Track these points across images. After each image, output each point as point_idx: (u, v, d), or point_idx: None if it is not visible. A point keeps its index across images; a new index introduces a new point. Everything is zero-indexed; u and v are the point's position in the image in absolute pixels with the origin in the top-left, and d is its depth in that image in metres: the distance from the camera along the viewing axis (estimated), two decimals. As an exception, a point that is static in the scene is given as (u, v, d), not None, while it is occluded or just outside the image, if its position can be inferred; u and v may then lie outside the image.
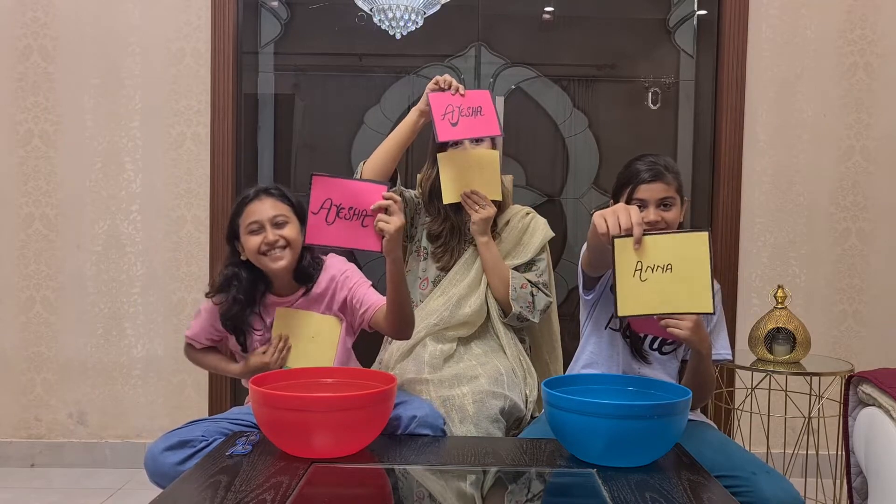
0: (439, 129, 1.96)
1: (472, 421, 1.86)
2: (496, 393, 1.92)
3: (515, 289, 2.11)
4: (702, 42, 3.02)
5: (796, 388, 2.51)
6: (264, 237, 1.82)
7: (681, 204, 1.80)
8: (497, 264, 2.11)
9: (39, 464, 2.90)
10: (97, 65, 2.85)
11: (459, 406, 1.88)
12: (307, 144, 3.12)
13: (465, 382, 1.94)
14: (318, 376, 1.73)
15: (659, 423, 1.45)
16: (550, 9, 3.07)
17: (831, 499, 2.44)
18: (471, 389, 1.91)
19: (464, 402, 1.89)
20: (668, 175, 1.76)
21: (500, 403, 1.90)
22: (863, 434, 1.95)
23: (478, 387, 1.92)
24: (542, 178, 3.09)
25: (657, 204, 1.75)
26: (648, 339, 1.89)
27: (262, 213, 1.83)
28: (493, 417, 1.88)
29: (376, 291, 1.91)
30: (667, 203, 1.76)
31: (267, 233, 1.82)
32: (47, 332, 2.91)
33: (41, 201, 2.88)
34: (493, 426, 1.87)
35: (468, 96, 2.00)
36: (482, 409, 1.87)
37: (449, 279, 2.14)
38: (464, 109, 1.99)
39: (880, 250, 2.88)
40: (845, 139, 2.87)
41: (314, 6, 3.04)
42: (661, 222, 1.75)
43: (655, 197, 1.75)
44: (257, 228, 1.83)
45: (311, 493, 1.37)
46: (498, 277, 2.11)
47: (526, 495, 1.49)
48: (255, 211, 1.84)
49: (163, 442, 1.70)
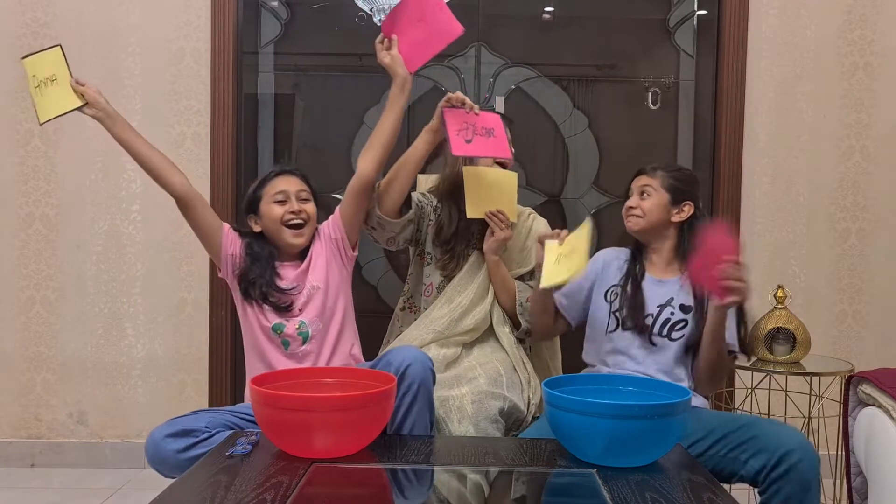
0: (454, 144, 1.98)
1: (472, 421, 1.86)
2: (495, 393, 1.92)
3: (521, 303, 2.15)
4: (702, 42, 3.02)
5: (796, 388, 2.51)
6: (289, 206, 1.92)
7: (672, 203, 1.97)
8: (505, 281, 2.15)
9: (39, 464, 2.90)
10: (97, 65, 2.85)
11: (458, 406, 1.88)
12: (307, 144, 3.12)
13: (464, 383, 1.94)
14: (319, 376, 1.73)
15: (659, 423, 1.45)
16: (550, 9, 3.07)
17: (831, 499, 2.44)
18: (470, 390, 1.91)
19: (463, 403, 1.89)
20: (659, 172, 1.99)
21: (499, 404, 1.90)
22: (863, 434, 1.95)
23: (477, 387, 1.92)
24: (542, 178, 3.09)
25: (638, 191, 2.00)
26: (659, 325, 1.93)
27: (289, 185, 1.94)
28: (492, 418, 1.88)
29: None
30: (643, 191, 1.99)
31: (292, 202, 1.92)
32: (47, 332, 2.91)
33: (41, 201, 2.88)
34: (492, 426, 1.87)
35: (482, 116, 2.04)
36: (481, 410, 1.87)
37: (454, 286, 2.14)
38: (478, 128, 2.03)
39: (880, 250, 2.89)
40: (845, 139, 2.87)
41: (314, 6, 3.04)
42: (637, 208, 1.99)
43: (638, 185, 2.01)
44: (283, 199, 1.92)
45: (311, 493, 1.37)
46: (506, 293, 2.15)
47: (526, 495, 1.49)
48: (281, 183, 1.94)
49: (166, 428, 1.69)
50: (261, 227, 1.97)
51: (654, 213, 1.96)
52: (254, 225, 1.97)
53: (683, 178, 2.00)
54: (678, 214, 1.97)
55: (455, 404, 1.89)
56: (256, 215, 1.97)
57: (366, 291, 3.05)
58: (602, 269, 2.04)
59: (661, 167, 2.00)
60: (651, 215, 1.96)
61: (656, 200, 1.96)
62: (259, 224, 1.97)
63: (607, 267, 2.04)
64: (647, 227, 1.97)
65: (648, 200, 1.96)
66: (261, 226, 1.97)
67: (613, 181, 3.06)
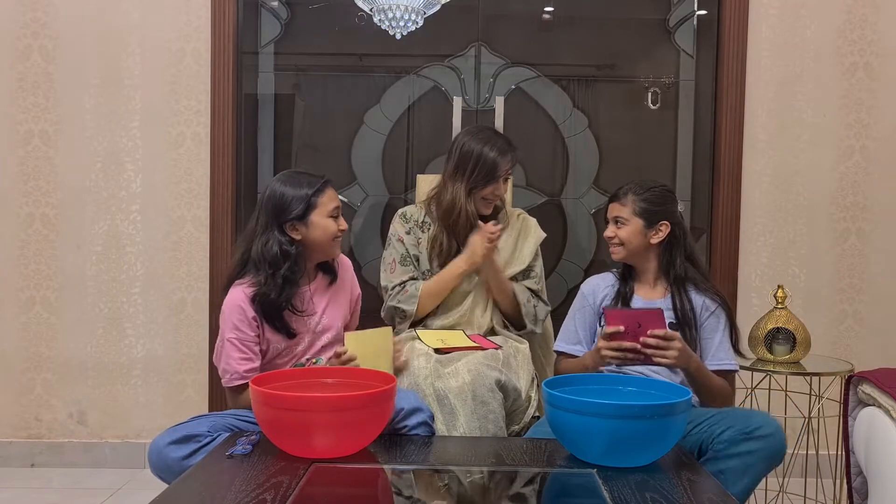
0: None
1: (469, 389, 1.87)
2: (491, 366, 1.94)
3: (524, 304, 2.18)
4: (702, 42, 3.02)
5: (796, 388, 2.51)
6: (341, 224, 1.94)
7: (647, 227, 1.99)
8: (502, 284, 2.17)
9: (39, 464, 2.90)
10: (97, 65, 2.85)
11: (454, 372, 1.91)
12: (307, 144, 3.12)
13: (460, 358, 1.97)
14: (319, 376, 1.73)
15: (659, 423, 1.45)
16: (550, 9, 3.07)
17: (831, 499, 2.44)
18: (466, 362, 1.94)
19: (458, 369, 1.91)
20: (629, 198, 2.00)
21: (496, 375, 1.92)
22: (863, 434, 1.95)
23: (473, 359, 1.95)
24: (542, 178, 3.09)
25: (613, 221, 2.03)
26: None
27: (337, 201, 1.95)
28: (489, 387, 1.89)
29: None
30: (619, 222, 2.00)
31: (342, 220, 1.94)
32: (47, 332, 2.90)
33: (41, 201, 2.88)
34: (490, 395, 1.88)
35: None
36: (478, 378, 1.89)
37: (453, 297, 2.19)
38: None
39: (880, 250, 2.88)
40: (845, 139, 2.87)
41: (314, 6, 3.04)
42: (614, 237, 2.01)
43: (612, 214, 2.03)
44: (337, 215, 1.93)
45: (311, 493, 1.37)
46: (506, 298, 2.18)
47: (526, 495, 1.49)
48: (335, 197, 1.95)
49: (168, 436, 1.69)
50: (301, 236, 1.89)
51: (633, 240, 2.00)
52: (294, 233, 1.88)
53: (654, 198, 2.00)
54: (655, 236, 2.00)
55: (451, 374, 1.90)
56: (304, 223, 1.88)
57: (366, 291, 3.03)
58: (593, 301, 2.08)
59: (631, 190, 2.01)
60: (630, 244, 2.00)
61: (631, 228, 1.99)
62: (301, 232, 1.89)
63: (595, 295, 2.08)
64: (628, 255, 2.02)
65: (624, 229, 2.00)
66: (304, 235, 1.89)
67: (613, 181, 3.06)
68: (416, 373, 1.92)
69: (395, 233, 2.23)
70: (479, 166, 2.12)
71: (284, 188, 1.89)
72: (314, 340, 1.94)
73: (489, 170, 2.12)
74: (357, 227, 3.07)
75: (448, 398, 1.87)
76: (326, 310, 1.97)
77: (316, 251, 1.93)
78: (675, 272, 2.00)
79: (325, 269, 2.01)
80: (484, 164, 2.12)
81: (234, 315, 1.84)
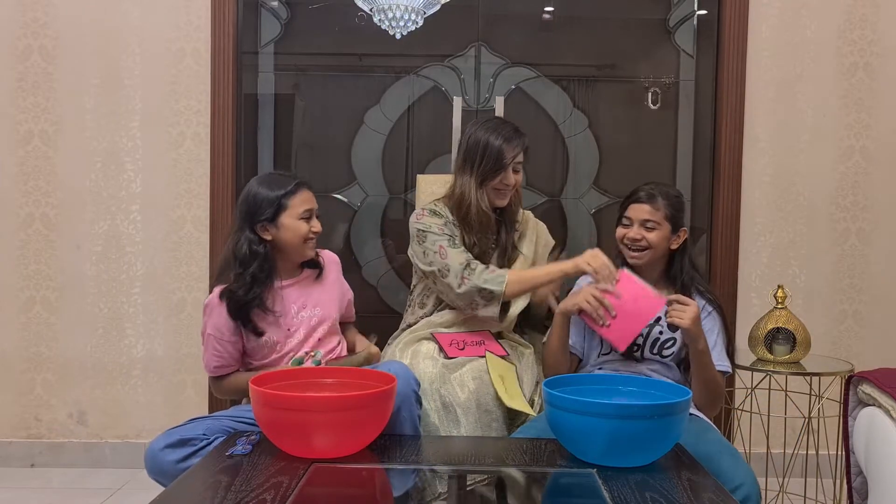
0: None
1: (474, 398, 1.88)
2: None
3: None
4: (702, 42, 3.02)
5: (796, 388, 2.50)
6: (314, 225, 1.93)
7: (672, 232, 1.95)
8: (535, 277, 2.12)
9: (39, 464, 2.90)
10: (97, 65, 2.85)
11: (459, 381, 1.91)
12: (307, 144, 3.12)
13: (465, 364, 1.98)
14: (318, 376, 1.73)
15: (659, 423, 1.45)
16: (550, 9, 3.07)
17: (831, 499, 2.44)
18: (471, 368, 1.96)
19: (463, 377, 1.92)
20: (660, 201, 1.94)
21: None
22: (863, 434, 1.95)
23: (478, 366, 1.96)
24: (542, 178, 3.09)
25: (641, 223, 1.93)
26: (649, 345, 1.93)
27: (313, 202, 1.94)
28: (493, 395, 1.90)
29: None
30: (649, 226, 1.93)
31: (315, 221, 1.94)
32: (47, 332, 2.90)
33: (41, 201, 2.88)
34: (494, 403, 1.90)
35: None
36: (482, 386, 1.90)
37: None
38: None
39: (880, 250, 2.88)
40: (845, 139, 2.87)
41: (314, 6, 3.04)
42: (642, 240, 1.94)
43: (640, 217, 1.94)
44: (309, 216, 1.92)
45: (311, 493, 1.37)
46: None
47: (526, 495, 1.49)
48: (308, 199, 1.94)
49: (163, 439, 1.69)
50: (272, 237, 1.90)
51: (661, 245, 1.95)
52: (264, 233, 1.89)
53: (678, 203, 1.99)
54: (676, 241, 1.98)
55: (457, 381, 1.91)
56: (274, 225, 1.89)
57: (366, 291, 3.04)
58: None
59: (659, 193, 1.95)
60: (658, 248, 1.95)
61: (662, 233, 1.94)
62: (272, 233, 1.90)
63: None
64: (653, 259, 1.97)
65: (654, 233, 1.93)
66: (274, 235, 1.90)
67: (613, 181, 3.07)
68: (421, 376, 1.91)
69: (428, 226, 2.10)
70: (487, 155, 2.08)
71: (259, 189, 1.91)
72: (310, 334, 1.95)
73: (496, 158, 2.08)
74: (357, 228, 3.08)
75: (453, 406, 1.88)
76: (319, 303, 1.98)
77: (288, 252, 1.94)
78: (684, 278, 1.98)
79: (311, 265, 2.02)
80: (491, 152, 2.08)
81: (213, 313, 1.89)
